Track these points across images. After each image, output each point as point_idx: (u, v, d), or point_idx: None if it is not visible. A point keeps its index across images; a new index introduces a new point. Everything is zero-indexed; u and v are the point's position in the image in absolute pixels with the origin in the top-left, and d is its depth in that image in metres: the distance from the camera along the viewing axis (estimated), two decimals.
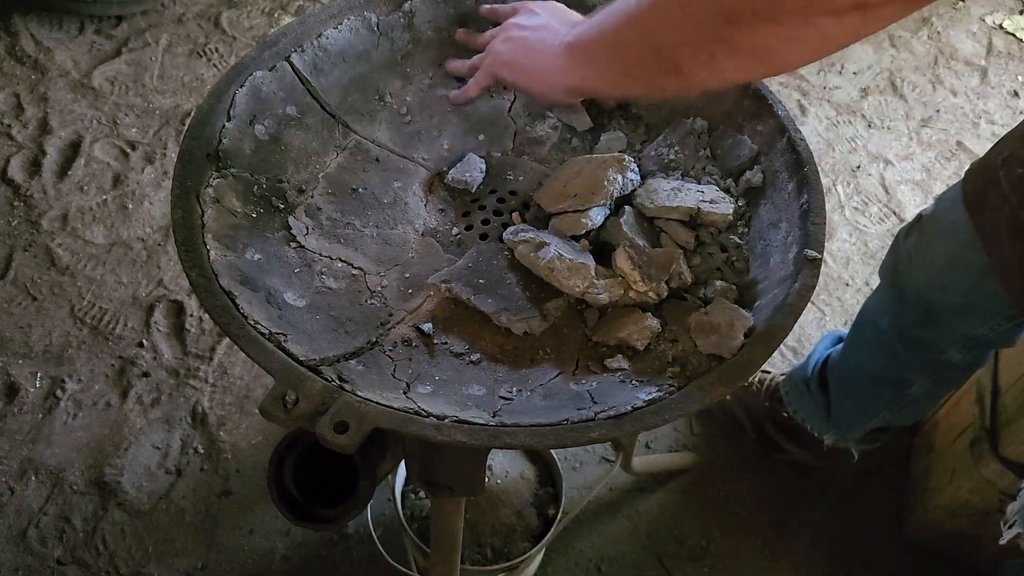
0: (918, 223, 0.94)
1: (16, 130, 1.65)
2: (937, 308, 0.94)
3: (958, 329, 0.95)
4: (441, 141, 0.78)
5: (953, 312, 0.93)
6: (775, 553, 1.23)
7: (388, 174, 0.74)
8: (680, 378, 0.58)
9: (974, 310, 0.91)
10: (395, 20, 0.80)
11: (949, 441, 1.17)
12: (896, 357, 1.04)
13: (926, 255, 0.92)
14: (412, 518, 1.06)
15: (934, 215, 0.91)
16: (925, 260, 0.92)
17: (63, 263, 1.45)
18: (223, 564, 1.17)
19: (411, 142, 0.77)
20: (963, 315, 0.93)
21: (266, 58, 0.72)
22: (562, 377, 0.61)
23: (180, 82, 1.76)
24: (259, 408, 0.52)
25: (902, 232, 0.98)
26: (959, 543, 1.17)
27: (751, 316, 0.61)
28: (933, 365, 1.02)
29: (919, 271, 0.94)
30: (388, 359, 0.61)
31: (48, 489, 1.22)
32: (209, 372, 1.34)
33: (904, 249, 0.96)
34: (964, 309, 0.92)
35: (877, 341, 1.05)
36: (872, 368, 1.08)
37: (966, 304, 0.91)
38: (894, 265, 0.99)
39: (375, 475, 0.60)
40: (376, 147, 0.75)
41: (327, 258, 0.67)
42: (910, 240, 0.95)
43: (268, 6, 1.94)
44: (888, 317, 1.02)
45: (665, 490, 1.27)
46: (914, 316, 0.97)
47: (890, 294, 1.01)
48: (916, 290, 0.95)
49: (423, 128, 0.78)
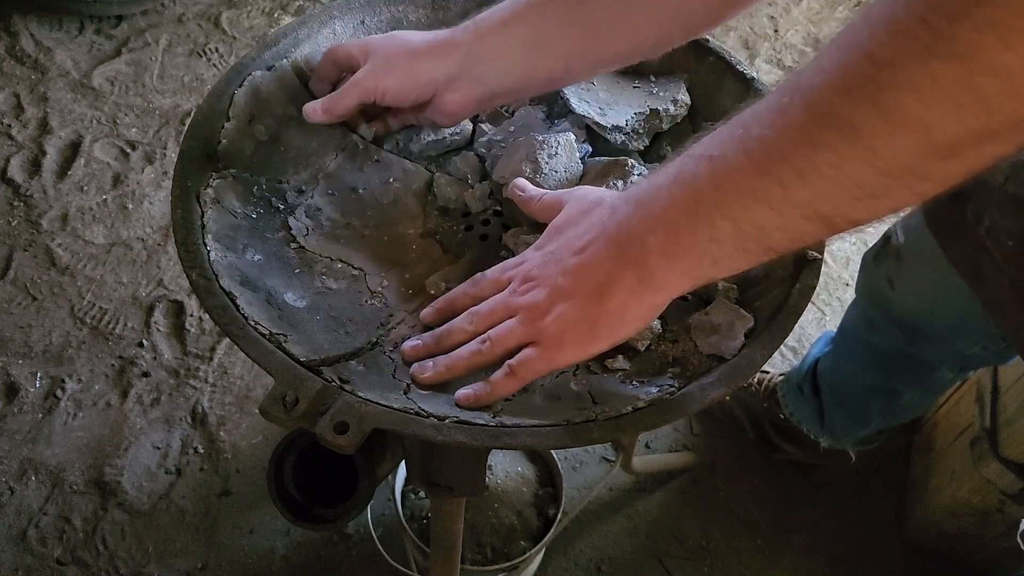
0: (888, 248, 0.91)
1: (16, 130, 1.65)
2: (928, 329, 0.92)
3: (950, 348, 0.94)
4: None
5: (945, 333, 0.91)
6: (775, 553, 1.23)
7: (388, 174, 0.74)
8: (680, 378, 0.58)
9: (967, 331, 0.90)
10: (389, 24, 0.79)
11: (949, 441, 1.17)
12: (885, 371, 1.03)
13: (910, 282, 0.89)
14: (412, 518, 1.06)
15: (908, 244, 0.88)
16: (910, 286, 0.90)
17: (63, 263, 1.45)
18: (223, 564, 1.17)
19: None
20: (955, 336, 0.91)
21: (266, 58, 0.72)
22: (562, 377, 0.61)
23: (180, 82, 1.76)
24: (259, 408, 0.52)
25: (870, 256, 0.95)
26: (959, 543, 1.17)
27: (751, 316, 0.61)
28: (924, 380, 1.01)
29: (905, 296, 0.91)
30: (388, 359, 0.61)
31: (48, 489, 1.22)
32: (209, 372, 1.33)
33: (881, 274, 0.93)
34: (956, 330, 0.90)
35: (865, 354, 1.04)
36: (861, 379, 1.07)
37: (958, 325, 0.89)
38: (871, 286, 0.97)
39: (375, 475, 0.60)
40: (376, 147, 0.75)
41: (327, 258, 0.67)
42: (885, 266, 0.92)
43: (268, 6, 1.94)
44: (876, 335, 1.00)
45: (665, 490, 1.27)
46: (903, 336, 0.95)
47: (875, 313, 0.99)
48: (902, 313, 0.93)
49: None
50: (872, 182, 0.39)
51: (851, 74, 0.37)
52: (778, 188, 0.41)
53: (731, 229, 0.44)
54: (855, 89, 0.37)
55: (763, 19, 2.03)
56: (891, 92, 0.36)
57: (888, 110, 0.36)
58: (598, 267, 0.51)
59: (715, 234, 0.45)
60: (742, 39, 1.98)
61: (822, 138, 0.39)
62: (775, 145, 0.41)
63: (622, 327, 0.51)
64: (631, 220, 0.50)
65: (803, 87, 0.40)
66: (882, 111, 0.36)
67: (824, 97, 0.39)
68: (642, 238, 0.48)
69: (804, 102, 0.40)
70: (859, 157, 0.38)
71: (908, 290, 0.90)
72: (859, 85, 0.37)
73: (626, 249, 0.49)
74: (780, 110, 0.41)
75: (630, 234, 0.49)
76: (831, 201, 0.40)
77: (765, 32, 2.01)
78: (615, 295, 0.50)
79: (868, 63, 0.37)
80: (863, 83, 0.37)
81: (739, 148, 0.43)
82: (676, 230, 0.47)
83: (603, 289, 0.50)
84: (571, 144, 0.69)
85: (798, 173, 0.40)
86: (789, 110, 0.40)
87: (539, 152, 0.67)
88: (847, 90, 0.38)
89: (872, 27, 0.37)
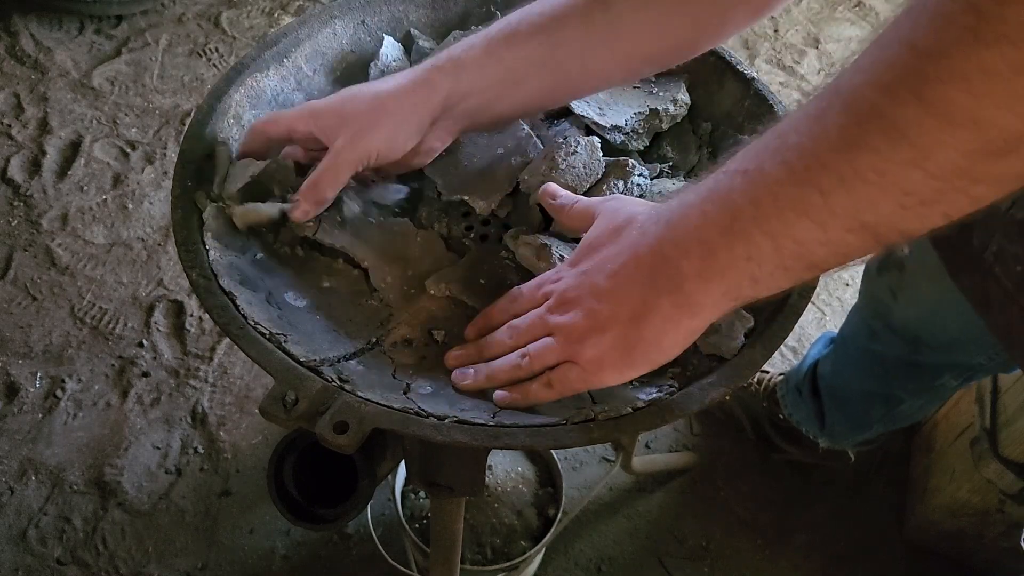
0: (891, 258, 0.90)
1: (16, 130, 1.65)
2: (931, 340, 0.91)
3: (954, 359, 0.93)
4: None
5: (948, 344, 0.91)
6: (775, 553, 1.23)
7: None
8: (680, 378, 0.58)
9: (971, 342, 0.89)
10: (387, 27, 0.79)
11: (949, 441, 1.17)
12: (886, 378, 1.02)
13: (913, 294, 0.89)
14: (412, 518, 1.06)
15: (913, 257, 0.86)
16: (913, 299, 0.89)
17: (63, 263, 1.45)
18: (223, 564, 1.17)
19: None
20: (959, 347, 0.90)
21: (266, 58, 0.72)
22: None
23: (180, 82, 1.76)
24: (259, 408, 0.52)
25: (872, 265, 0.95)
26: (959, 543, 1.17)
27: (751, 316, 0.61)
28: (927, 388, 1.00)
29: (908, 308, 0.90)
30: (388, 359, 0.61)
31: (48, 489, 1.22)
32: (209, 372, 1.34)
33: (883, 283, 0.92)
34: (960, 342, 0.89)
35: (866, 362, 1.03)
36: (861, 385, 1.06)
37: (962, 337, 0.88)
38: (873, 295, 0.96)
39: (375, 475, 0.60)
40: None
41: (327, 258, 0.67)
42: (887, 276, 0.91)
43: (268, 6, 1.94)
44: (878, 343, 0.99)
45: (665, 490, 1.27)
46: (906, 346, 0.94)
47: (876, 323, 0.98)
48: (904, 323, 0.92)
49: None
50: (921, 187, 0.35)
51: (892, 68, 0.35)
52: (818, 198, 0.38)
53: (770, 246, 0.41)
54: (897, 84, 0.34)
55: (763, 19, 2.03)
56: (937, 85, 0.33)
57: (935, 104, 0.33)
58: (633, 293, 0.49)
59: (753, 252, 0.42)
60: (742, 39, 1.98)
61: (864, 140, 0.36)
62: (813, 152, 0.38)
63: (660, 354, 0.50)
64: (662, 243, 0.48)
65: (842, 89, 0.37)
66: (928, 106, 0.33)
67: (864, 95, 0.36)
68: (676, 262, 0.46)
69: (843, 104, 0.37)
70: (905, 159, 0.35)
71: (911, 301, 0.89)
72: (901, 79, 0.34)
73: (660, 274, 0.47)
74: (818, 116, 0.38)
75: (664, 258, 0.47)
76: (877, 210, 0.37)
77: (765, 32, 2.01)
78: (651, 323, 0.48)
79: (911, 55, 0.34)
80: (906, 77, 0.34)
81: (776, 159, 0.40)
82: (711, 251, 0.44)
83: (639, 316, 0.48)
84: (593, 145, 0.69)
85: (839, 180, 0.37)
86: (827, 114, 0.38)
87: (557, 151, 0.67)
88: (888, 86, 0.35)
89: (914, 17, 0.34)
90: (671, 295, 0.47)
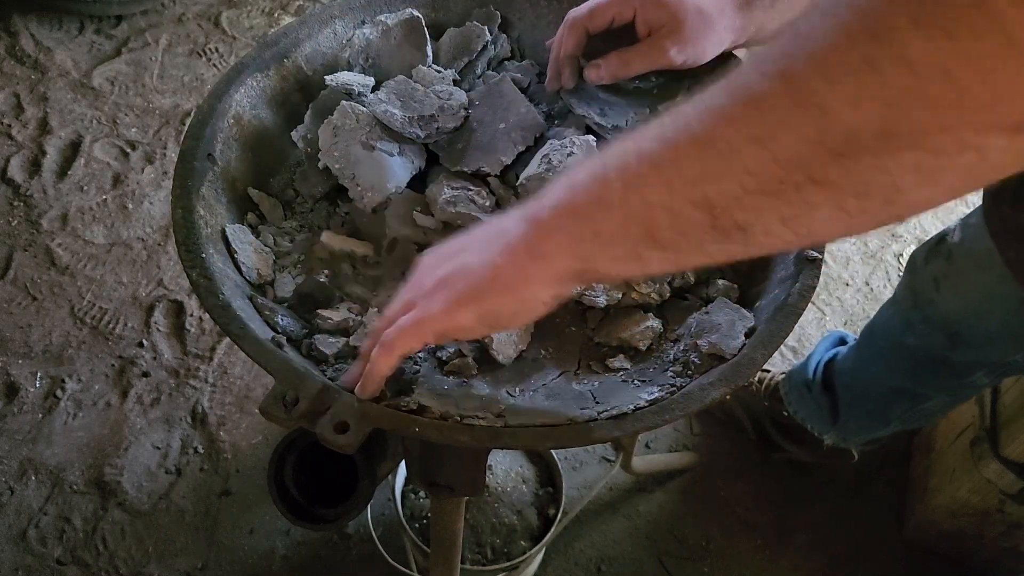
0: (941, 246, 0.90)
1: (16, 130, 1.64)
2: (969, 334, 0.90)
3: (990, 355, 0.92)
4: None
5: (986, 339, 0.90)
6: (775, 553, 1.23)
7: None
8: (681, 378, 0.58)
9: (1008, 338, 0.88)
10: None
11: (949, 441, 1.17)
12: (916, 374, 1.01)
13: (957, 284, 0.88)
14: (412, 518, 1.06)
15: (963, 244, 0.86)
16: (956, 289, 0.88)
17: (63, 263, 1.45)
18: (223, 564, 1.17)
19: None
20: (997, 342, 0.89)
21: (266, 58, 0.72)
22: (564, 377, 0.61)
23: (180, 82, 1.76)
24: (259, 408, 0.52)
25: (919, 254, 0.94)
26: (959, 543, 1.17)
27: (752, 316, 0.61)
28: (956, 386, 0.99)
29: (950, 299, 0.90)
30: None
31: (48, 489, 1.22)
32: (209, 372, 1.33)
33: (927, 274, 0.92)
34: (998, 337, 0.88)
35: (896, 356, 1.02)
36: (887, 381, 1.05)
37: (1001, 332, 0.88)
38: (913, 286, 0.95)
39: (375, 475, 0.60)
40: None
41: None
42: (934, 265, 0.91)
43: (268, 6, 1.94)
44: (912, 337, 0.97)
45: (665, 490, 1.27)
46: (942, 340, 0.93)
47: (913, 315, 0.96)
48: (944, 315, 0.91)
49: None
50: (762, 170, 0.36)
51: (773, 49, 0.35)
52: (671, 153, 0.39)
53: (620, 198, 0.42)
54: (770, 63, 0.35)
55: None
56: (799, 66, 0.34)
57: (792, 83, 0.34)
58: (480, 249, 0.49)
59: (605, 195, 0.42)
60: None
61: (726, 109, 0.37)
62: (684, 117, 0.39)
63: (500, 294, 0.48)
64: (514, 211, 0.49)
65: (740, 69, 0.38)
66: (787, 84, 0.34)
67: (743, 69, 0.37)
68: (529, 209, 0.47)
69: (727, 80, 0.38)
70: (754, 134, 0.36)
71: (955, 292, 0.89)
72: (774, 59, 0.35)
73: (509, 226, 0.48)
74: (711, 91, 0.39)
75: (515, 218, 0.48)
76: (720, 185, 0.38)
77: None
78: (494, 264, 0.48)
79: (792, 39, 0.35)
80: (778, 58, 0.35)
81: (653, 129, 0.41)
82: (570, 186, 0.45)
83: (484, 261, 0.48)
84: (590, 145, 0.69)
85: (692, 139, 0.38)
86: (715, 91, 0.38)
87: (553, 152, 0.67)
88: (762, 63, 0.36)
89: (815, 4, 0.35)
90: (517, 238, 0.47)
